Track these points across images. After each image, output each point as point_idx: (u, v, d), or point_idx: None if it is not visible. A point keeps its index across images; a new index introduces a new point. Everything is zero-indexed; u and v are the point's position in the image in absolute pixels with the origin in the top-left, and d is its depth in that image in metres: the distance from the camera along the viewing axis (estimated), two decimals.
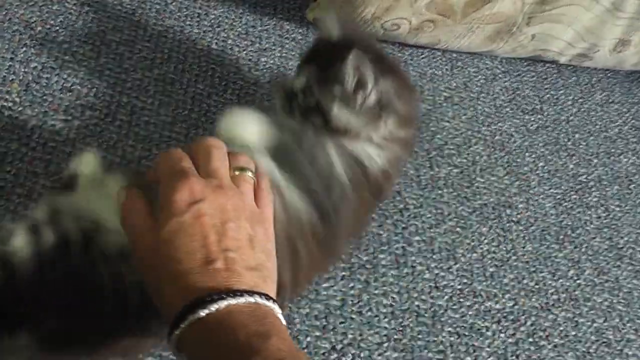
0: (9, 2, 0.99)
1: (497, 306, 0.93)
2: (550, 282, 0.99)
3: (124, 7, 1.06)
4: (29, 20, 0.98)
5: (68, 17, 1.01)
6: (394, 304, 0.89)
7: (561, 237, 1.04)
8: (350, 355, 0.83)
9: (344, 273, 0.89)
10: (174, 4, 1.10)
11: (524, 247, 1.01)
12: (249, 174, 0.61)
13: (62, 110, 0.91)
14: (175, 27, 1.07)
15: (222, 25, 1.11)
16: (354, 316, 0.86)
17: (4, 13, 0.97)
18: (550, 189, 1.10)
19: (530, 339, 0.92)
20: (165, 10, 1.09)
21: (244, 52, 1.10)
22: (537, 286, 0.97)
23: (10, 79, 0.92)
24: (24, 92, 0.91)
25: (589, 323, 0.96)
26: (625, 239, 1.08)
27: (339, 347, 0.83)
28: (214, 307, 0.48)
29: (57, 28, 0.99)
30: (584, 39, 1.19)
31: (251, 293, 0.50)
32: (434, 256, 0.95)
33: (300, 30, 1.17)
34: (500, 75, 1.24)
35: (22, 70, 0.93)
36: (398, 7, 1.04)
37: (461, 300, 0.92)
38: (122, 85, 0.97)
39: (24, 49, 0.95)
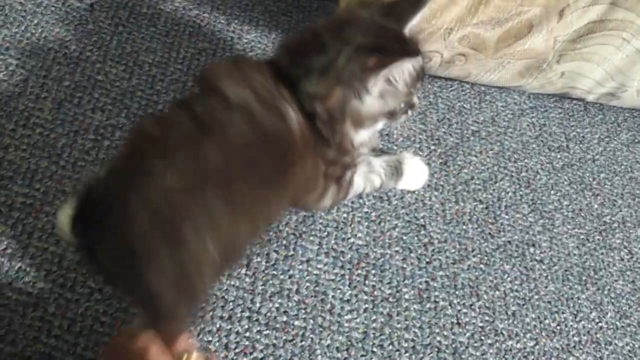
0: (44, 20, 1.00)
1: (518, 345, 0.93)
2: (572, 323, 0.98)
3: (158, 29, 1.07)
4: (63, 39, 0.99)
5: (102, 37, 1.02)
6: (415, 338, 0.88)
7: (584, 278, 1.04)
8: None
9: (366, 305, 0.89)
10: (207, 26, 1.11)
11: (546, 287, 1.00)
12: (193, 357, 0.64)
13: (92, 130, 0.92)
14: (208, 50, 1.07)
15: (255, 50, 1.12)
16: (375, 349, 0.86)
17: (39, 31, 0.98)
18: (574, 228, 1.09)
19: None
20: (198, 32, 1.09)
21: None
22: (558, 327, 0.97)
23: (43, 96, 0.92)
24: (56, 110, 0.92)
25: None
26: None
27: None
28: None
29: (91, 47, 1.00)
30: (612, 79, 1.18)
31: None
32: (457, 292, 0.95)
33: None
34: (527, 111, 1.23)
35: (55, 88, 0.94)
36: (431, 40, 1.04)
37: (482, 338, 0.92)
38: (153, 107, 0.97)
39: (58, 67, 0.96)
